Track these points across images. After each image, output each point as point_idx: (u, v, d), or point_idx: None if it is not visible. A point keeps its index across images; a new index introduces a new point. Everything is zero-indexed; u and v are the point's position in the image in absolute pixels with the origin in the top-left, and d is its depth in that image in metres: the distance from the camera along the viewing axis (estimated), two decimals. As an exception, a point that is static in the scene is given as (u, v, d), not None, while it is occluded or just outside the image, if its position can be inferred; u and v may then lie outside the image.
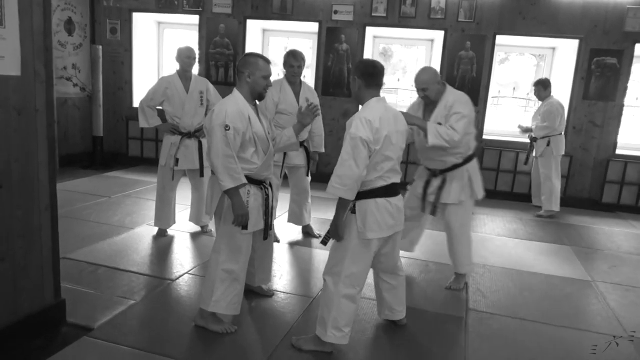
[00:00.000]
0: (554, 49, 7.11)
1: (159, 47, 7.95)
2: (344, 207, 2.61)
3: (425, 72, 3.49)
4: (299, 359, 2.68)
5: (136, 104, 7.60)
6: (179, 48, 4.33)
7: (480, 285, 3.84)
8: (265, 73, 2.80)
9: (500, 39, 6.65)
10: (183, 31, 7.91)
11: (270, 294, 3.40)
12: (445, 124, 3.33)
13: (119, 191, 5.98)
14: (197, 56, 4.37)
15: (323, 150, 4.51)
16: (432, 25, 6.70)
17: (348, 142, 2.54)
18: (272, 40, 7.79)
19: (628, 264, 4.60)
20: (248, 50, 7.23)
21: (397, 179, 2.71)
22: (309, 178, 4.57)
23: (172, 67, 7.97)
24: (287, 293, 3.48)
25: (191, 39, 7.61)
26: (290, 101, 4.19)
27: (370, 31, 7.00)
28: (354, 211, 2.64)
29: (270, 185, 2.97)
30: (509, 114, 12.29)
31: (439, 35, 6.92)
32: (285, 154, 4.24)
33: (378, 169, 2.60)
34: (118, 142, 7.78)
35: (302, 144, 4.34)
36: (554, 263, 4.46)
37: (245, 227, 2.78)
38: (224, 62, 7.26)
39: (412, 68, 9.54)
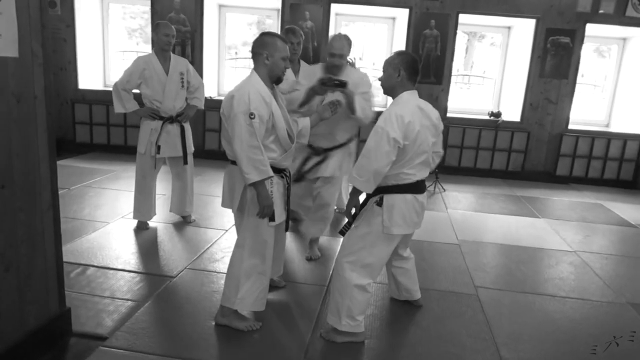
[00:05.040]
0: (509, 28, 7.33)
1: (104, 23, 7.32)
2: (356, 194, 2.63)
3: (345, 39, 3.53)
4: (334, 351, 2.60)
5: (82, 85, 7.05)
6: (157, 23, 3.98)
7: (479, 262, 3.92)
8: (284, 54, 2.61)
9: (462, 18, 6.75)
10: (131, 6, 7.33)
11: (282, 284, 3.27)
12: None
13: (77, 181, 5.49)
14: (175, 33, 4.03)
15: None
16: (396, 2, 6.66)
17: (373, 134, 2.49)
18: (228, 16, 7.41)
19: (596, 233, 4.91)
20: (206, 27, 6.84)
21: (426, 173, 2.68)
22: None
23: (118, 46, 7.43)
24: (299, 282, 3.37)
25: (141, 15, 7.08)
26: (290, 81, 3.99)
27: (333, 8, 6.84)
28: (380, 204, 2.59)
29: (289, 174, 2.82)
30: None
31: (400, 13, 6.90)
32: None
33: (409, 163, 2.56)
34: (63, 127, 7.13)
35: None
36: (536, 236, 4.67)
37: (272, 219, 2.63)
38: (180, 39, 6.80)
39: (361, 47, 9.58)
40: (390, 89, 2.63)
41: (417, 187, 2.63)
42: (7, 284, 2.18)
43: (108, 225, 4.22)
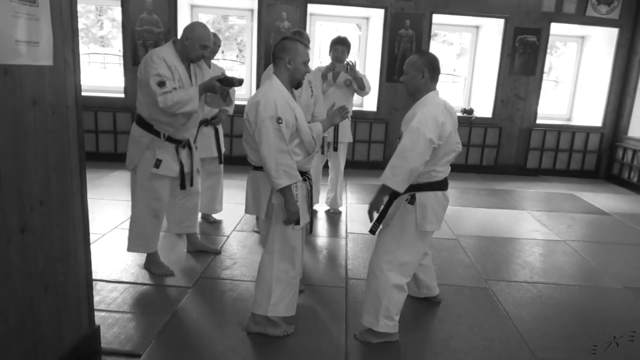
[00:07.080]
0: (477, 27, 7.59)
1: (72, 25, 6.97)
2: (384, 193, 2.59)
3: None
4: (374, 352, 2.63)
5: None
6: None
7: (480, 255, 4.07)
8: (305, 58, 2.61)
9: (435, 18, 6.93)
10: (101, 6, 7.03)
11: (301, 288, 3.25)
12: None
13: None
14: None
15: (326, 135, 4.39)
16: (372, 2, 6.75)
17: (409, 134, 2.48)
18: (201, 17, 7.26)
19: (577, 222, 5.19)
20: (180, 28, 6.66)
21: (449, 170, 2.74)
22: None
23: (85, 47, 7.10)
24: (317, 285, 3.37)
25: (86, 14, 6.80)
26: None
27: (309, 9, 6.84)
28: (411, 202, 2.63)
29: (311, 177, 2.81)
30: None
31: (374, 14, 7.00)
32: None
33: (440, 162, 2.60)
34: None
35: None
36: (525, 227, 4.89)
37: (297, 222, 2.62)
38: (153, 40, 6.60)
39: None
40: (415, 90, 2.64)
41: (444, 184, 2.69)
42: (48, 305, 2.07)
43: (103, 236, 4.05)
